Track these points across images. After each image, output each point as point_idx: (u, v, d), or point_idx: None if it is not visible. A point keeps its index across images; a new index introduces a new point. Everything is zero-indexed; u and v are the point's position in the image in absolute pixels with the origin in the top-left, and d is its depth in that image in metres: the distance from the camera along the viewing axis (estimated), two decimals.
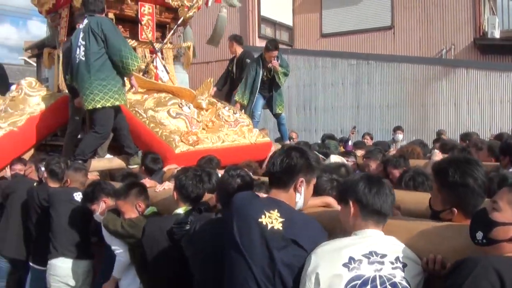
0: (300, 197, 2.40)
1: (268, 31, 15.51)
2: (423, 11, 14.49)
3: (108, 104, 5.20)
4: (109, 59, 5.20)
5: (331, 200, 2.77)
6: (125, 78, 5.51)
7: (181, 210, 3.14)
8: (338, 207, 2.67)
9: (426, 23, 14.45)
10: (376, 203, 2.13)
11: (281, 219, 2.22)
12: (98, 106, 5.15)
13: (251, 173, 4.39)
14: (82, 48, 5.17)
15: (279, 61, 7.45)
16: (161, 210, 3.62)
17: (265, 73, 7.49)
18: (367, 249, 2.03)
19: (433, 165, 2.52)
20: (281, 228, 2.19)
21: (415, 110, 12.33)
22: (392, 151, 6.49)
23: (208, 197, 3.30)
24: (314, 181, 2.49)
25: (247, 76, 7.47)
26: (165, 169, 5.06)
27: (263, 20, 15.10)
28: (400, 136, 9.68)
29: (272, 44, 7.48)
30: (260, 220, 2.21)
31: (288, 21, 16.43)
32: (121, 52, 5.14)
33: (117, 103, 5.28)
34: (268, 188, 2.52)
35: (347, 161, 5.10)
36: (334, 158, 5.01)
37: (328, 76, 13.37)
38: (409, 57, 13.35)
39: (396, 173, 4.25)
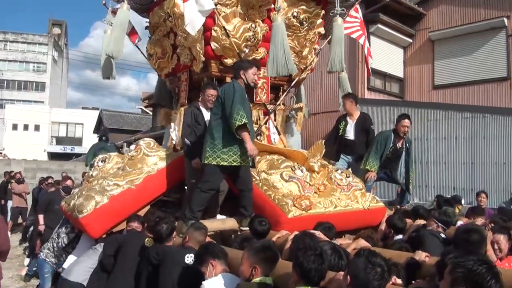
0: None
1: (377, 82, 15.26)
2: None
3: (214, 162, 5.33)
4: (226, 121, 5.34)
5: None
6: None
7: None
8: None
9: None
10: None
11: None
12: (205, 162, 5.38)
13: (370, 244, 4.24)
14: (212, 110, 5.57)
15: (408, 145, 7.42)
16: (276, 282, 3.44)
17: (392, 150, 7.34)
18: None
19: None
20: None
21: None
22: None
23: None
24: None
25: (378, 146, 7.25)
26: (278, 235, 4.99)
27: (373, 71, 14.79)
28: None
29: (403, 115, 7.40)
30: None
31: (399, 73, 16.15)
32: (230, 113, 5.23)
33: (223, 163, 5.34)
34: None
35: None
36: None
37: (440, 130, 12.80)
38: None
39: None
